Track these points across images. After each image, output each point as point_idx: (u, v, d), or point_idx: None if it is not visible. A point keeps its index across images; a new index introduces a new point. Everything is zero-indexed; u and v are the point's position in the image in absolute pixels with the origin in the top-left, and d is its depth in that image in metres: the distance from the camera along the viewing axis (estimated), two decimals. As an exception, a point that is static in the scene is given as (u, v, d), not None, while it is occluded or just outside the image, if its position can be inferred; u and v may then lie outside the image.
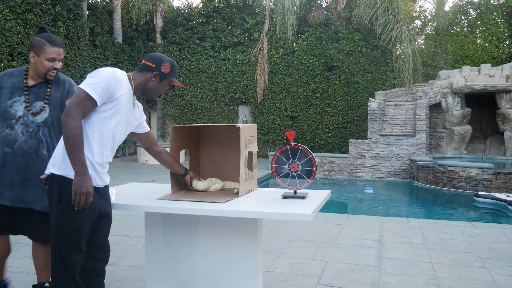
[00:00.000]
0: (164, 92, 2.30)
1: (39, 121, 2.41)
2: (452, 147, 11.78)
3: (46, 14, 11.29)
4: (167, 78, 2.23)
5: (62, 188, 1.94)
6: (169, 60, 2.23)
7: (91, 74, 2.00)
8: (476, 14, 14.25)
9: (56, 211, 1.94)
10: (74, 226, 1.94)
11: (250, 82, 15.38)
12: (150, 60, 2.20)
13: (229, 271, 2.48)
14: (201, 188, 2.57)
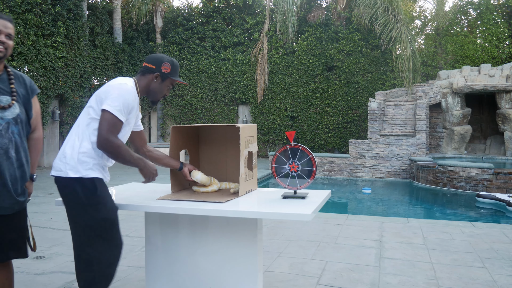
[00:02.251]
0: (168, 92, 2.30)
1: (10, 117, 2.06)
2: (452, 147, 11.78)
3: (46, 14, 11.29)
4: (169, 78, 2.24)
5: (86, 187, 2.02)
6: (169, 59, 2.23)
7: (113, 93, 2.03)
8: (476, 14, 14.25)
9: (87, 208, 2.00)
10: (107, 217, 2.05)
11: (250, 82, 15.38)
12: (150, 62, 2.22)
13: (229, 271, 2.48)
14: (198, 178, 2.47)
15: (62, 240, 4.26)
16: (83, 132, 2.07)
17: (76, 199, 2.01)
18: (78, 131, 2.09)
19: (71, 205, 2.05)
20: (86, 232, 2.03)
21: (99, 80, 13.90)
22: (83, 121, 2.10)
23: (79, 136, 2.07)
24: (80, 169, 2.01)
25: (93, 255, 2.04)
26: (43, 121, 11.41)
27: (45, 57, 11.23)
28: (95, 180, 2.05)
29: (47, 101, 11.51)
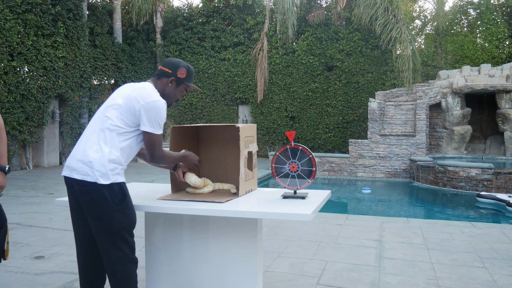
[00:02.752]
0: (181, 97, 2.34)
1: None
2: (452, 147, 11.78)
3: (46, 14, 11.29)
4: (183, 83, 2.28)
5: (116, 192, 2.05)
6: (185, 65, 2.28)
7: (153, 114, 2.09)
8: (476, 14, 14.25)
9: (116, 213, 2.05)
10: (133, 220, 2.13)
11: (250, 82, 15.38)
12: (167, 66, 2.26)
13: (229, 271, 2.48)
14: (192, 181, 2.46)
15: (62, 240, 4.26)
16: (112, 141, 2.07)
17: (106, 204, 2.03)
18: (104, 136, 2.07)
19: (100, 211, 2.04)
20: (112, 236, 2.07)
21: (99, 80, 13.90)
22: (108, 127, 2.08)
23: (106, 143, 2.06)
24: (110, 175, 2.03)
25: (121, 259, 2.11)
26: (43, 121, 11.42)
27: (45, 57, 11.23)
28: (122, 184, 2.09)
29: (47, 101, 11.51)
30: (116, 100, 2.13)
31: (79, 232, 2.18)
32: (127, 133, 2.10)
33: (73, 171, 2.05)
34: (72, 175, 2.05)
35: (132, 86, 2.21)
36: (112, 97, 2.20)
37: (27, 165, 11.33)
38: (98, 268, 2.20)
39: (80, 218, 2.14)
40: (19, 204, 6.27)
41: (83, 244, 2.18)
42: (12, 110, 10.35)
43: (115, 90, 2.26)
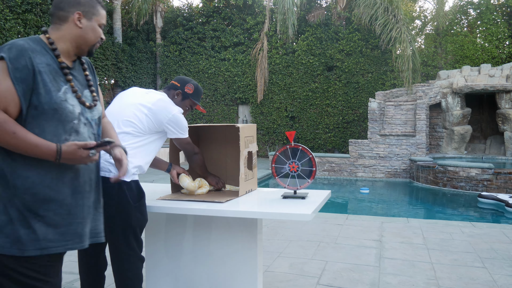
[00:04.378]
0: (186, 113, 2.44)
1: (96, 117, 1.70)
2: (452, 147, 11.78)
3: (46, 14, 11.29)
4: (189, 99, 2.42)
5: (134, 190, 2.10)
6: (194, 83, 2.44)
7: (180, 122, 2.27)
8: (476, 14, 14.25)
9: (133, 210, 2.09)
10: (146, 218, 2.18)
11: (250, 82, 15.38)
12: (177, 80, 2.44)
13: (229, 271, 2.48)
14: (185, 185, 2.46)
15: (62, 240, 4.26)
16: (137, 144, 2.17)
17: (125, 201, 2.06)
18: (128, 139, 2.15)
19: (118, 208, 2.06)
20: (127, 233, 2.10)
21: (99, 80, 13.90)
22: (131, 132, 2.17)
23: (132, 145, 2.15)
24: (130, 174, 2.10)
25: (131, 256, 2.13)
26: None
27: (45, 57, 11.23)
28: (138, 183, 2.16)
29: (47, 101, 11.51)
30: (140, 107, 2.21)
31: None
32: (148, 139, 2.21)
33: None
34: None
35: (151, 95, 2.30)
36: (129, 100, 2.25)
37: (27, 165, 11.32)
38: (100, 269, 2.20)
39: None
40: (19, 204, 6.27)
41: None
42: (12, 110, 10.35)
43: (127, 92, 2.33)
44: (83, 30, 1.60)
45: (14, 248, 1.43)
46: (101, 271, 2.21)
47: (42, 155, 1.45)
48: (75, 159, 1.49)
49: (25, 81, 1.44)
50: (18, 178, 1.46)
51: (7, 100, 1.42)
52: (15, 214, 1.44)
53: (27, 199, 1.46)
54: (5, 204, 1.45)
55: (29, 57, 1.46)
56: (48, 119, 1.48)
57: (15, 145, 1.42)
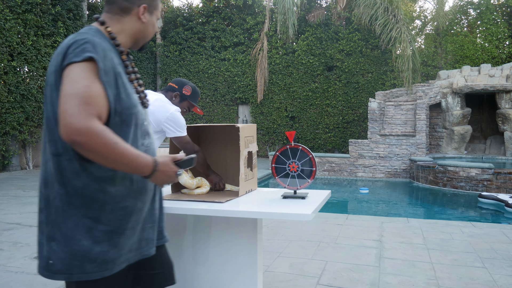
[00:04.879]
0: (183, 115, 2.50)
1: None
2: (452, 147, 11.78)
3: (46, 14, 11.29)
4: (187, 100, 2.49)
5: None
6: (192, 85, 2.51)
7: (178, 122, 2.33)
8: (476, 14, 14.25)
9: None
10: None
11: (250, 82, 15.38)
12: (175, 82, 2.49)
13: (229, 271, 2.48)
14: (182, 181, 2.41)
15: (62, 240, 4.26)
16: None
17: None
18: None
19: None
20: None
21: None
22: None
23: None
24: None
25: None
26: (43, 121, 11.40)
27: (45, 57, 11.22)
28: None
29: (47, 101, 11.50)
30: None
31: None
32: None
33: None
34: None
35: (149, 95, 2.34)
36: None
37: (27, 165, 11.33)
38: None
39: None
40: (19, 204, 6.28)
41: None
42: (12, 110, 10.35)
43: None
44: (145, 24, 1.44)
45: (102, 271, 1.32)
46: None
47: (137, 168, 1.28)
48: (166, 175, 1.36)
49: (112, 85, 1.29)
50: (106, 194, 1.32)
51: (100, 106, 1.24)
52: (100, 234, 1.31)
53: (118, 214, 1.34)
54: (90, 226, 1.31)
55: (111, 58, 1.31)
56: (129, 124, 1.35)
57: (114, 157, 1.23)
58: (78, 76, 1.22)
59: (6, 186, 8.16)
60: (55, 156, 1.31)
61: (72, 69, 1.23)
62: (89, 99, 1.20)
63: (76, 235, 1.30)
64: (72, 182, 1.30)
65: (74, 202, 1.30)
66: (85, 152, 1.21)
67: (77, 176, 1.29)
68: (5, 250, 3.94)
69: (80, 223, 1.30)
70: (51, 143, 1.32)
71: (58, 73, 1.28)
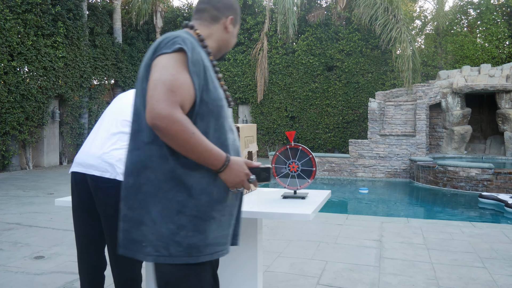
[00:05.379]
0: None
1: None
2: (452, 147, 11.78)
3: (46, 14, 11.29)
4: None
5: None
6: None
7: None
8: (476, 14, 14.25)
9: None
10: None
11: (250, 82, 15.38)
12: None
13: (229, 271, 2.48)
14: None
15: (62, 240, 4.26)
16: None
17: None
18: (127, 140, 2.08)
19: (116, 208, 1.97)
20: None
21: (99, 80, 13.90)
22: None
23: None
24: None
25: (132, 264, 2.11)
26: (43, 121, 11.42)
27: (45, 57, 11.23)
28: None
29: (47, 101, 11.51)
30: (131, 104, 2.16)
31: (83, 233, 2.15)
32: None
33: (90, 167, 2.03)
34: (88, 171, 2.03)
35: None
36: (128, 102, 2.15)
37: (27, 165, 11.33)
38: (100, 269, 2.20)
39: (85, 218, 2.12)
40: (19, 204, 6.28)
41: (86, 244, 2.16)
42: (12, 110, 10.35)
43: (126, 94, 2.25)
44: (229, 35, 1.57)
45: (187, 256, 1.34)
46: (101, 271, 2.20)
47: (209, 159, 1.34)
48: (236, 174, 1.39)
49: (199, 75, 1.36)
50: (192, 178, 1.35)
51: (184, 94, 1.31)
52: (186, 218, 1.34)
53: (203, 200, 1.36)
54: (178, 210, 1.34)
55: (199, 52, 1.39)
56: (215, 116, 1.42)
57: (191, 147, 1.29)
58: (167, 65, 1.30)
59: (6, 186, 8.16)
60: (146, 145, 1.37)
61: (161, 59, 1.32)
62: (175, 87, 1.28)
63: (163, 218, 1.33)
64: (161, 167, 1.35)
65: (163, 186, 1.34)
66: (164, 137, 1.28)
67: (166, 161, 1.35)
68: (5, 250, 3.94)
69: (168, 206, 1.34)
70: (140, 133, 1.39)
71: (148, 66, 1.36)
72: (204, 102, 1.37)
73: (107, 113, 2.20)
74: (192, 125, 1.30)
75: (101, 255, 2.18)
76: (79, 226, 2.16)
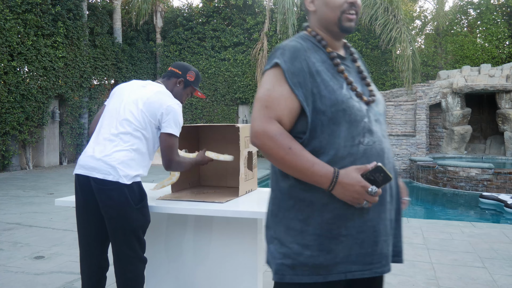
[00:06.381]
0: (185, 100, 2.39)
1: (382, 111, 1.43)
2: (452, 147, 11.78)
3: (46, 14, 11.29)
4: (190, 86, 2.36)
5: (136, 192, 2.06)
6: (195, 70, 2.37)
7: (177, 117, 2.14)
8: (476, 14, 14.25)
9: (134, 212, 2.06)
10: (149, 219, 2.15)
11: (250, 82, 15.38)
12: (177, 67, 2.35)
13: (229, 271, 2.48)
14: (212, 155, 2.39)
15: (62, 240, 4.26)
16: (136, 144, 2.10)
17: (126, 204, 2.03)
18: (127, 140, 2.09)
19: (119, 210, 2.03)
20: (129, 235, 2.07)
21: (99, 80, 13.90)
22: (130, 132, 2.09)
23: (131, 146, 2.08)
24: (132, 176, 2.05)
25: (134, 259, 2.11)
26: (43, 121, 11.41)
27: (45, 57, 11.23)
28: (140, 184, 2.11)
29: (47, 101, 11.51)
30: (136, 103, 2.13)
31: (86, 233, 2.15)
32: (147, 137, 2.13)
33: (93, 170, 2.03)
34: (91, 174, 2.03)
35: (149, 88, 2.21)
36: (126, 98, 2.17)
37: (27, 165, 11.33)
38: (102, 269, 2.20)
39: (89, 219, 2.12)
40: (19, 204, 6.28)
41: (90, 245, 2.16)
42: (12, 110, 10.35)
43: (125, 88, 2.24)
44: (317, 11, 1.45)
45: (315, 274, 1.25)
46: (103, 272, 2.20)
47: (313, 177, 1.21)
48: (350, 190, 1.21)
49: (304, 85, 1.26)
50: (314, 193, 1.25)
51: (280, 108, 1.24)
52: (310, 238, 1.25)
53: (326, 217, 1.25)
54: (300, 230, 1.26)
55: (304, 58, 1.29)
56: (338, 122, 1.25)
57: (289, 163, 1.21)
58: (264, 82, 1.29)
59: (6, 186, 8.16)
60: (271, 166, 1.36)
61: (263, 77, 1.32)
62: (269, 102, 1.25)
63: (287, 238, 1.28)
64: (280, 185, 1.31)
65: (283, 205, 1.30)
66: (264, 155, 1.26)
67: (285, 178, 1.30)
68: (5, 250, 3.94)
69: (290, 226, 1.28)
70: None
71: None
72: (320, 111, 1.25)
73: (107, 112, 2.19)
74: (290, 140, 1.22)
75: (103, 256, 2.18)
76: (82, 227, 2.16)
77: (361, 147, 1.26)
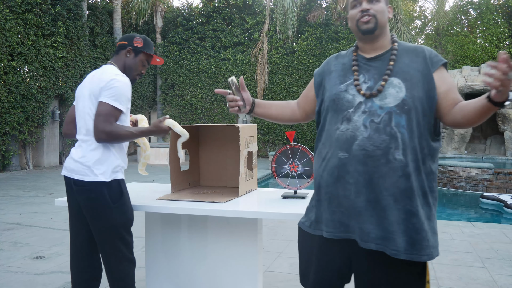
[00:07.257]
0: (144, 70, 2.29)
1: (389, 105, 1.47)
2: (452, 147, 11.78)
3: (46, 14, 11.29)
4: (142, 53, 2.26)
5: (114, 190, 2.03)
6: (142, 36, 2.28)
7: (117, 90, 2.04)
8: (476, 14, 14.25)
9: (113, 210, 2.03)
10: (130, 218, 2.12)
11: (250, 82, 15.38)
12: (123, 39, 2.29)
13: (229, 271, 2.48)
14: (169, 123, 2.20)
15: (62, 240, 4.26)
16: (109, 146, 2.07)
17: (103, 203, 2.01)
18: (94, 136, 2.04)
19: (98, 210, 2.02)
20: (111, 235, 2.05)
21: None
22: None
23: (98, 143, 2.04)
24: (110, 173, 2.03)
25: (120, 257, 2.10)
26: (43, 121, 11.41)
27: (45, 57, 11.23)
28: (120, 181, 2.08)
29: (47, 101, 11.51)
30: (90, 97, 2.09)
31: (76, 233, 2.16)
32: None
33: (73, 171, 2.04)
34: (72, 176, 2.04)
35: (96, 76, 2.18)
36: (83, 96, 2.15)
37: (27, 165, 11.33)
38: (92, 271, 2.18)
39: (78, 218, 2.13)
40: (19, 204, 6.28)
41: (78, 246, 2.16)
42: (12, 110, 10.35)
43: (82, 84, 2.23)
44: (350, 27, 1.65)
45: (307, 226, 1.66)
46: (93, 273, 2.19)
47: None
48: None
49: (319, 83, 1.70)
50: None
51: (300, 102, 1.82)
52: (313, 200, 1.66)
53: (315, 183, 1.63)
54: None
55: (328, 63, 1.71)
56: (329, 110, 1.59)
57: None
58: None
59: (6, 186, 8.16)
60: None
61: None
62: (298, 99, 1.87)
63: None
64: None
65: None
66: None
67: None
68: (5, 250, 3.94)
69: None
70: None
71: None
72: (324, 101, 1.64)
73: (78, 110, 2.15)
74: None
75: (93, 257, 2.17)
76: (74, 226, 2.16)
77: (337, 133, 1.53)
